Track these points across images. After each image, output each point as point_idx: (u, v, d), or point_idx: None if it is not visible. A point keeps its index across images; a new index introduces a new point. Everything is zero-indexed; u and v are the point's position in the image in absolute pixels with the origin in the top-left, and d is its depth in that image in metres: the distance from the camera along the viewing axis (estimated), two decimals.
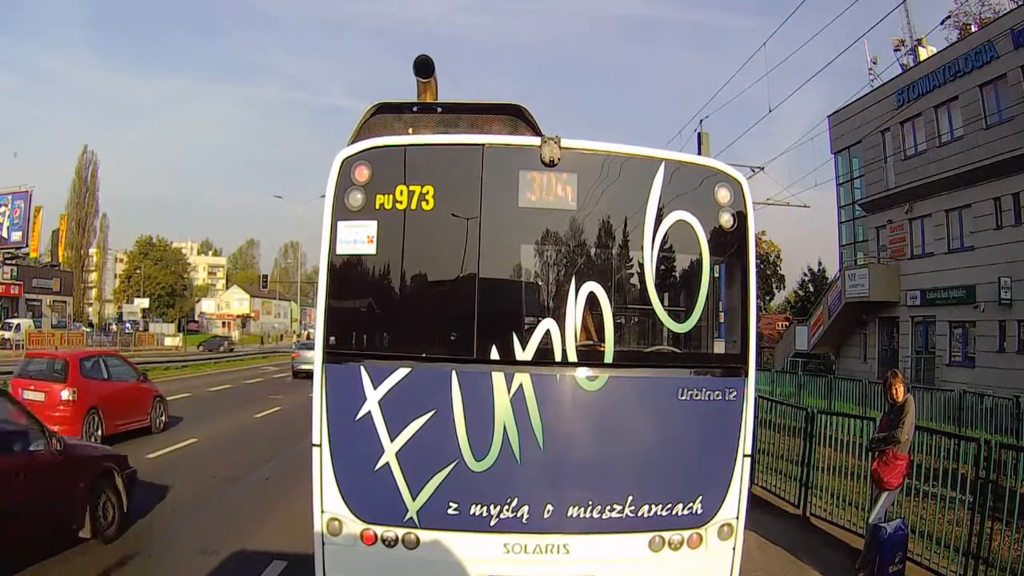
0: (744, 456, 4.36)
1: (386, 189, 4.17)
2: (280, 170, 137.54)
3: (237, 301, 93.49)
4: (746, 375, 4.39)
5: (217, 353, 46.61)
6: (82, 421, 11.26)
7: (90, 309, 73.88)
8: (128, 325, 60.98)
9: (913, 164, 25.84)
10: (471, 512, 4.14)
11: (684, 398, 4.28)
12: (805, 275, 50.60)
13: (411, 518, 4.14)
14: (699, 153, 16.95)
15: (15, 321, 43.90)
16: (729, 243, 4.42)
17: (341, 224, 4.19)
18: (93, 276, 75.92)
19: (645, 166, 4.37)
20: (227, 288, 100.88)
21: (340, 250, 4.21)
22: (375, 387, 4.15)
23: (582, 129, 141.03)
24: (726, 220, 4.41)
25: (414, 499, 4.13)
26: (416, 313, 4.40)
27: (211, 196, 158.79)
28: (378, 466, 4.13)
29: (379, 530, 4.16)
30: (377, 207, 4.17)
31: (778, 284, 55.17)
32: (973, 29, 27.01)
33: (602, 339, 4.28)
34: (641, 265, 4.36)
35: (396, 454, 4.12)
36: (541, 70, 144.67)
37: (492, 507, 4.14)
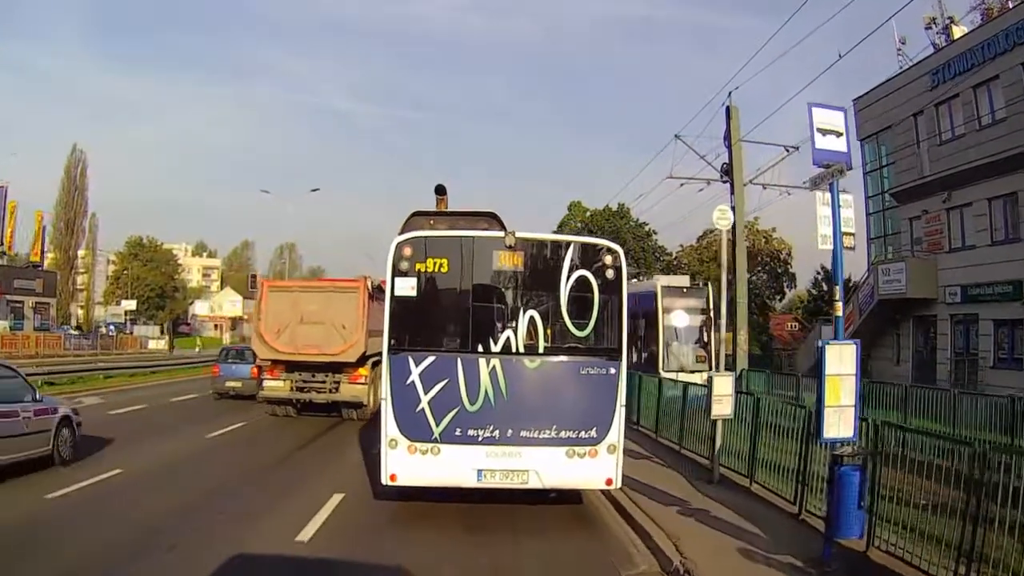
0: (621, 406, 7.97)
1: (421, 260, 7.91)
2: (278, 171, 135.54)
3: (230, 303, 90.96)
4: (619, 359, 8.04)
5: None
6: None
7: (81, 311, 71.67)
8: (112, 328, 58.78)
9: (951, 149, 23.67)
10: (468, 434, 7.74)
11: (584, 372, 8.00)
12: (818, 273, 48.15)
13: (435, 437, 7.73)
14: (727, 126, 18.77)
15: None
16: (611, 286, 8.07)
17: (397, 279, 7.86)
18: (85, 277, 73.64)
19: (563, 244, 8.30)
20: (222, 290, 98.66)
21: (397, 293, 7.89)
22: (416, 366, 7.79)
23: (579, 132, 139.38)
24: (609, 274, 8.07)
25: (437, 427, 7.73)
26: (438, 327, 8.19)
27: (207, 197, 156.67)
28: (417, 410, 7.73)
29: (418, 445, 7.74)
30: (416, 269, 7.91)
31: (789, 282, 52.90)
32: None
33: (538, 340, 8.01)
34: (559, 299, 8.03)
35: (428, 403, 7.73)
36: (541, 70, 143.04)
37: (479, 431, 7.75)
